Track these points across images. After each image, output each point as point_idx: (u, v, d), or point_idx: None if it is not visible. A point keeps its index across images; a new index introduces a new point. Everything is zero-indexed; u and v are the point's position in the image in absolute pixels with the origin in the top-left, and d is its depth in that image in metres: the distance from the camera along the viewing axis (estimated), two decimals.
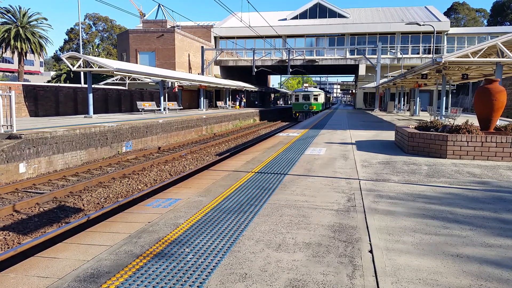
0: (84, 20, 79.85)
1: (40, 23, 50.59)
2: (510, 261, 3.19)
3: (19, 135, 11.22)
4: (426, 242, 3.59)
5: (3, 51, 48.77)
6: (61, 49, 78.39)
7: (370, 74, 44.10)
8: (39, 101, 22.82)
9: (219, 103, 41.72)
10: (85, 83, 31.43)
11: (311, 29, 47.84)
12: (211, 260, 3.22)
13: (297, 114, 41.21)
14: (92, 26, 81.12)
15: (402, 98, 39.39)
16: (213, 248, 3.46)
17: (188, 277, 2.92)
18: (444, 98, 20.96)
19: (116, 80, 34.26)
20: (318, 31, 47.66)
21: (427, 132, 9.04)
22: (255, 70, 44.39)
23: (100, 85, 32.80)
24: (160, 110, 26.78)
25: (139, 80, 32.52)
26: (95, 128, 14.41)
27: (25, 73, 53.25)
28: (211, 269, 3.05)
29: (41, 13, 57.66)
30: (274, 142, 11.66)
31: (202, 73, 42.35)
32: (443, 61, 14.91)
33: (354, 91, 64.86)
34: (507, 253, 3.36)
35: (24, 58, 49.22)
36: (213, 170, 7.44)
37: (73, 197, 9.52)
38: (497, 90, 8.85)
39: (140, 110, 26.02)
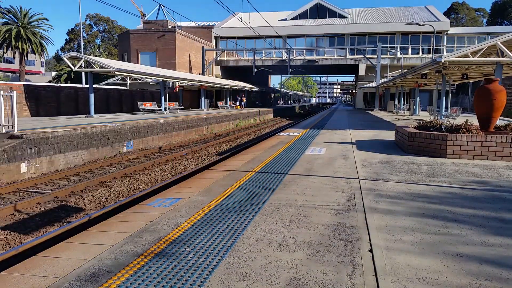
0: (85, 20, 79.96)
1: (41, 24, 50.69)
2: (510, 261, 3.21)
3: (20, 135, 11.24)
4: (426, 242, 3.60)
5: (4, 51, 48.87)
6: (62, 49, 78.50)
7: (370, 74, 44.09)
8: (41, 101, 22.85)
9: (220, 103, 41.75)
10: (86, 83, 31.46)
11: (311, 29, 47.85)
12: (211, 259, 3.24)
13: None
14: (94, 26, 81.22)
15: (402, 98, 39.36)
16: (213, 248, 3.48)
17: (189, 276, 2.94)
18: (444, 97, 20.95)
19: (117, 80, 34.35)
20: (318, 31, 47.66)
21: (427, 132, 9.05)
22: (256, 70, 44.42)
23: (101, 85, 32.87)
24: (161, 110, 26.80)
25: (140, 80, 32.59)
26: (96, 128, 14.43)
27: (26, 73, 53.28)
28: (211, 268, 3.06)
29: (42, 14, 57.76)
30: (275, 142, 11.67)
31: (203, 73, 42.38)
32: (443, 61, 14.91)
33: (354, 91, 64.85)
34: (507, 252, 3.37)
35: (25, 58, 49.30)
36: (214, 170, 7.45)
37: (74, 197, 9.54)
38: (497, 90, 8.86)
39: (141, 110, 26.04)
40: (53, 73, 66.18)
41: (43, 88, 23.78)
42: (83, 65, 20.29)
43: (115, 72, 20.91)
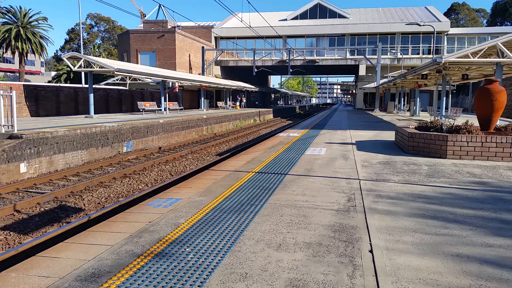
0: (86, 20, 79.99)
1: (41, 23, 50.71)
2: (510, 261, 3.20)
3: (20, 135, 11.23)
4: (426, 242, 3.60)
5: (4, 51, 48.88)
6: (62, 49, 78.48)
7: (370, 74, 44.11)
8: (40, 101, 22.84)
9: (220, 103, 41.76)
10: (85, 83, 31.44)
11: (312, 29, 47.87)
12: (211, 259, 3.23)
13: None
14: (94, 26, 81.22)
15: (402, 99, 39.39)
16: (213, 248, 3.47)
17: (188, 277, 2.93)
18: (444, 98, 20.96)
19: (117, 80, 34.36)
20: (319, 32, 47.68)
21: (427, 132, 9.05)
22: (256, 70, 44.45)
23: (101, 85, 32.86)
24: (160, 110, 26.80)
25: (140, 80, 32.59)
26: (96, 128, 14.42)
27: (26, 73, 53.31)
28: (211, 269, 3.05)
29: (41, 13, 57.79)
30: (275, 142, 11.67)
31: (203, 73, 42.39)
32: (443, 61, 14.92)
33: (354, 91, 64.88)
34: (507, 253, 3.37)
35: (25, 58, 49.29)
36: (214, 170, 7.45)
37: (74, 197, 9.53)
38: (497, 90, 8.86)
39: (141, 110, 26.04)
40: (53, 73, 66.15)
41: (43, 88, 23.77)
42: (82, 65, 20.29)
43: (115, 72, 20.91)
